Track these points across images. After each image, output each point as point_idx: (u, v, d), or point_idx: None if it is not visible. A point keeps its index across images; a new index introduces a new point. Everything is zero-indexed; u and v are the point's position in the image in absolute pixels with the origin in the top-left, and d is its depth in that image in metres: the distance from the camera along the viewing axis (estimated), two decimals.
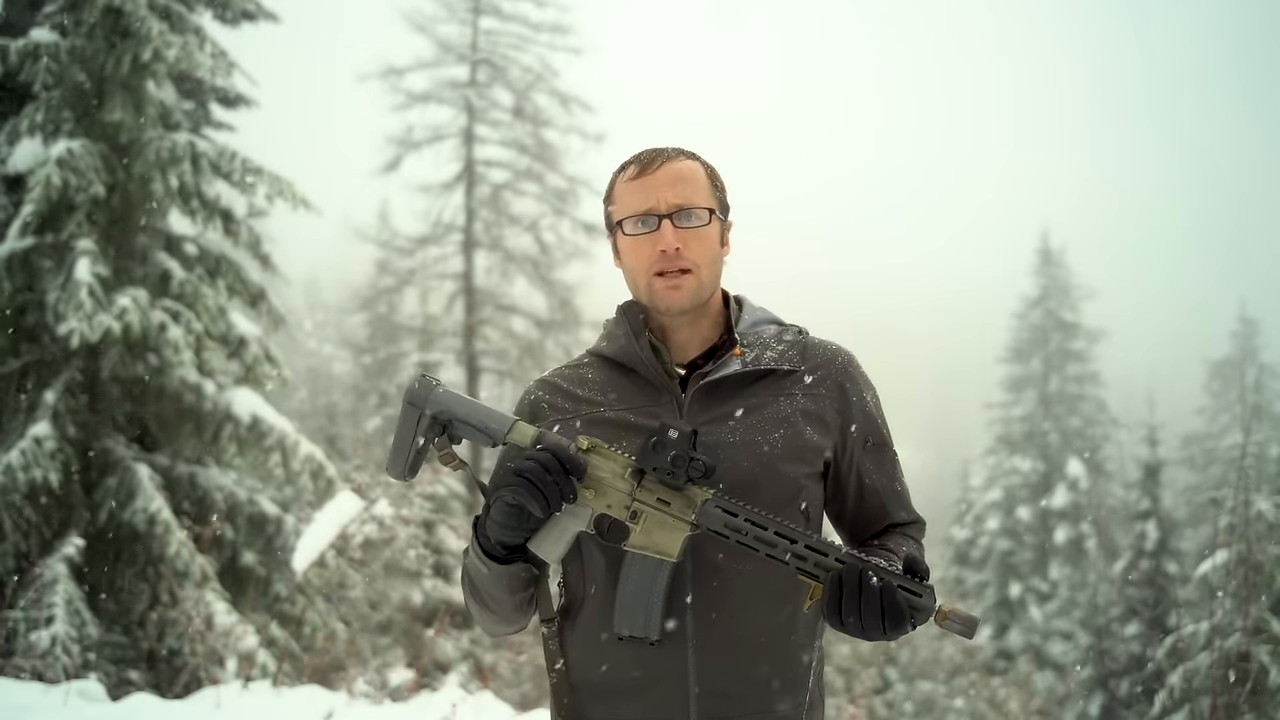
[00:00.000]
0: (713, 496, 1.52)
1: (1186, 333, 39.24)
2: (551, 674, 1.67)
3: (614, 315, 1.77)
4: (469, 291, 16.82)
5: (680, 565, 1.59)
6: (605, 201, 1.75)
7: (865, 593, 1.44)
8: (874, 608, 1.44)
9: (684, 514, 1.53)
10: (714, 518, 1.51)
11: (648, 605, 1.54)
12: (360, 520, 5.86)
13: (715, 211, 1.69)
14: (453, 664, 9.68)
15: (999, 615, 18.57)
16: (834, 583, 1.47)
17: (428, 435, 1.62)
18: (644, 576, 1.54)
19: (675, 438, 1.50)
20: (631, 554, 1.55)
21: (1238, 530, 5.67)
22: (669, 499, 1.53)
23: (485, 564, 1.61)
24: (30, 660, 5.29)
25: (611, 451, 1.57)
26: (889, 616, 1.44)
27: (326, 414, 20.52)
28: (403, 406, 1.63)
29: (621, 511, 1.55)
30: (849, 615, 1.45)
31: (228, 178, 6.88)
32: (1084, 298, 22.96)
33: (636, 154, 1.73)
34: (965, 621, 1.47)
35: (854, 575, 1.46)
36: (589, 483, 1.56)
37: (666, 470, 1.50)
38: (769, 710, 1.63)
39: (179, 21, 6.84)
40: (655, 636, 1.54)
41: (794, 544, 1.49)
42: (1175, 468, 22.86)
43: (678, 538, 1.54)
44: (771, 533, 1.49)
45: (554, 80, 17.05)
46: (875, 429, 1.74)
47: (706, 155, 1.77)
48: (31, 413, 6.22)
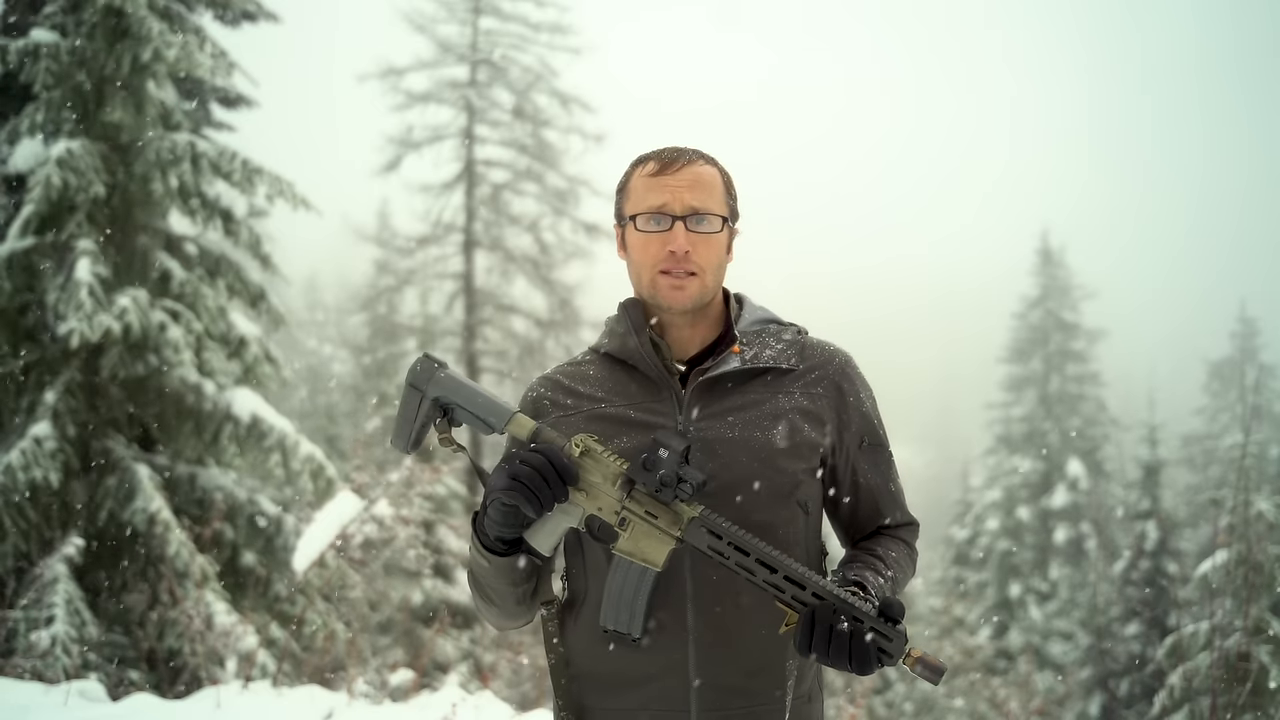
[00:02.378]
0: (700, 515, 1.54)
1: (1186, 333, 39.22)
2: (550, 654, 1.70)
3: (615, 312, 1.79)
4: (469, 291, 16.81)
5: (680, 559, 1.62)
6: (619, 192, 1.76)
7: (835, 635, 1.48)
8: (842, 649, 1.47)
9: (670, 529, 1.55)
10: (699, 537, 1.54)
11: (632, 606, 1.57)
12: (360, 520, 5.86)
13: (727, 219, 1.71)
14: (453, 664, 9.69)
15: (999, 615, 18.57)
16: (806, 618, 1.50)
17: (428, 418, 1.64)
18: (630, 579, 1.57)
19: (666, 457, 1.52)
20: (619, 556, 1.58)
21: (1238, 530, 5.67)
22: (657, 513, 1.56)
23: (486, 558, 1.64)
24: (30, 660, 5.29)
25: (604, 456, 1.58)
26: (855, 659, 1.46)
27: (326, 414, 20.51)
28: (405, 387, 1.66)
29: (611, 516, 1.58)
30: (819, 651, 1.48)
31: (228, 178, 6.87)
32: (1084, 298, 22.98)
33: (657, 150, 1.75)
34: (933, 668, 1.49)
35: (825, 615, 1.49)
36: (581, 485, 1.58)
37: (655, 488, 1.53)
38: (768, 703, 1.65)
39: (179, 21, 6.85)
40: (636, 634, 1.58)
41: (774, 573, 1.51)
42: (1175, 468, 22.85)
43: (664, 550, 1.56)
44: (753, 559, 1.52)
45: (554, 80, 17.04)
46: (871, 429, 1.75)
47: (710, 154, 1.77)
48: (31, 413, 6.22)
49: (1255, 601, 5.36)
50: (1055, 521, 18.87)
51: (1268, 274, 63.92)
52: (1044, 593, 18.46)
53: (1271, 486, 14.68)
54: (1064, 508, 18.76)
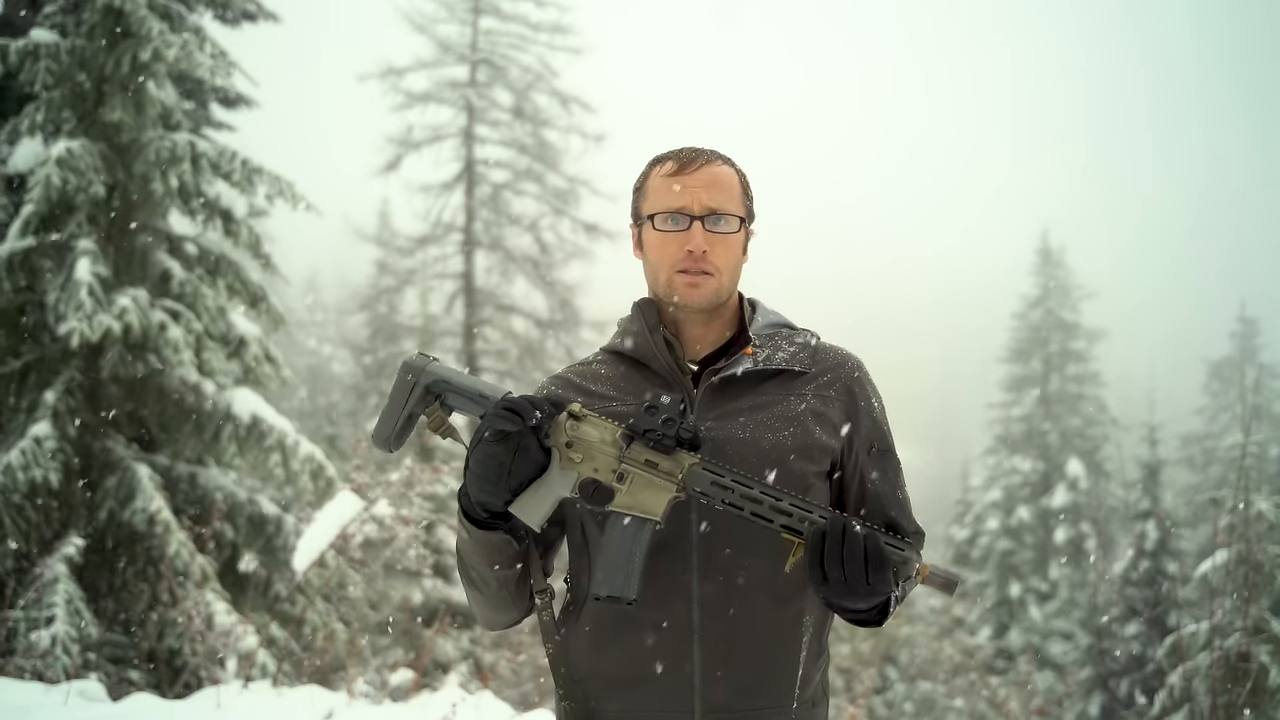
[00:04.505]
0: (700, 459, 1.55)
1: (1186, 333, 39.20)
2: (548, 645, 1.69)
3: (629, 312, 1.79)
4: (469, 291, 16.82)
5: (686, 559, 1.61)
6: (636, 191, 1.77)
7: (848, 539, 1.46)
8: (857, 555, 1.45)
9: (671, 475, 1.56)
10: (701, 478, 1.54)
11: (628, 566, 1.55)
12: (360, 520, 5.85)
13: (744, 220, 1.72)
14: (453, 664, 9.68)
15: (999, 615, 18.57)
16: (817, 535, 1.48)
17: (419, 405, 1.64)
18: (626, 538, 1.56)
19: (668, 403, 1.55)
20: (615, 516, 1.57)
21: (1238, 530, 5.67)
22: (657, 461, 1.56)
23: (467, 528, 1.62)
24: (30, 660, 5.29)
25: (603, 420, 1.59)
26: (872, 564, 1.44)
27: (326, 414, 20.51)
28: (396, 378, 1.66)
29: (608, 475, 1.57)
30: (832, 566, 1.45)
31: (228, 178, 6.87)
32: (1084, 298, 22.97)
33: (675, 150, 1.75)
34: (947, 576, 1.48)
35: (838, 526, 1.48)
36: (577, 447, 1.58)
37: (658, 431, 1.53)
38: (773, 704, 1.64)
39: (179, 21, 6.84)
40: (633, 597, 1.55)
41: (778, 501, 1.51)
42: (1175, 468, 22.85)
43: (663, 498, 1.56)
44: (757, 490, 1.52)
45: (554, 80, 17.05)
46: (881, 435, 1.76)
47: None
48: (31, 413, 6.22)
49: (1255, 601, 5.36)
50: (1055, 521, 18.87)
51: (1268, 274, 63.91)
52: (1044, 593, 18.46)
53: (1271, 486, 14.67)
54: (1064, 508, 18.75)
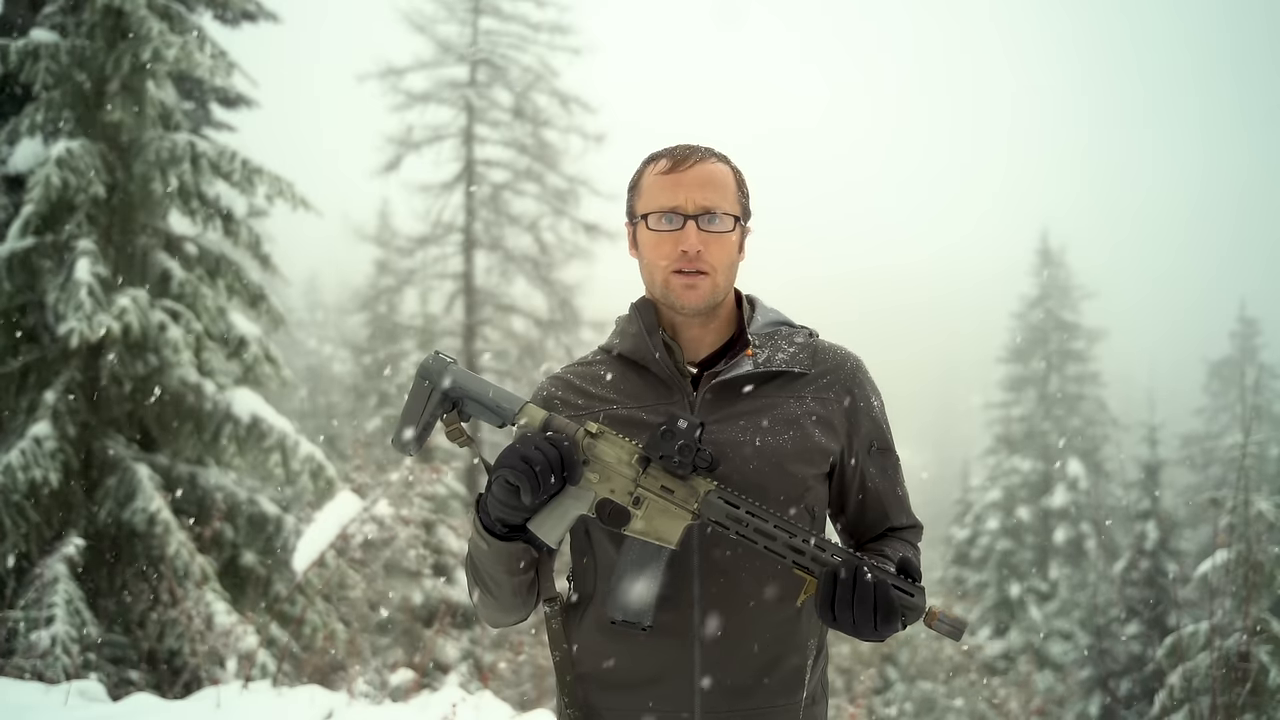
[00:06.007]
0: (716, 488, 1.54)
1: (1186, 333, 39.23)
2: (555, 653, 1.69)
3: (627, 313, 1.78)
4: (469, 291, 16.82)
5: (687, 561, 1.61)
6: (630, 189, 1.75)
7: (859, 588, 1.45)
8: (867, 603, 1.45)
9: (686, 503, 1.55)
10: (716, 508, 1.53)
11: (643, 592, 1.55)
12: (360, 520, 5.85)
13: (739, 218, 1.71)
14: (453, 664, 9.69)
15: (999, 615, 18.56)
16: (829, 578, 1.48)
17: (437, 410, 1.63)
18: (642, 563, 1.55)
19: (684, 428, 1.52)
20: (630, 540, 1.57)
21: (1238, 530, 5.66)
22: (673, 487, 1.55)
23: (485, 540, 1.61)
24: (30, 660, 5.28)
25: (619, 439, 1.58)
26: (881, 612, 1.44)
27: (326, 414, 20.51)
28: (414, 381, 1.65)
29: (625, 497, 1.57)
30: (842, 610, 1.46)
31: (228, 178, 6.87)
32: (1084, 297, 22.97)
33: (669, 148, 1.74)
34: (954, 623, 1.49)
35: (850, 571, 1.47)
36: (595, 466, 1.58)
37: (674, 458, 1.52)
38: (772, 705, 1.64)
39: (179, 21, 6.84)
40: (648, 623, 1.55)
41: (792, 538, 1.50)
42: (1175, 468, 22.84)
43: (679, 526, 1.55)
44: (771, 525, 1.51)
45: (554, 80, 17.04)
46: (881, 434, 1.76)
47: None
48: (31, 413, 6.22)
49: (1255, 601, 5.36)
50: (1055, 521, 18.86)
51: (1267, 274, 63.91)
52: (1044, 593, 18.44)
53: (1271, 486, 14.69)
54: (1064, 508, 18.75)
